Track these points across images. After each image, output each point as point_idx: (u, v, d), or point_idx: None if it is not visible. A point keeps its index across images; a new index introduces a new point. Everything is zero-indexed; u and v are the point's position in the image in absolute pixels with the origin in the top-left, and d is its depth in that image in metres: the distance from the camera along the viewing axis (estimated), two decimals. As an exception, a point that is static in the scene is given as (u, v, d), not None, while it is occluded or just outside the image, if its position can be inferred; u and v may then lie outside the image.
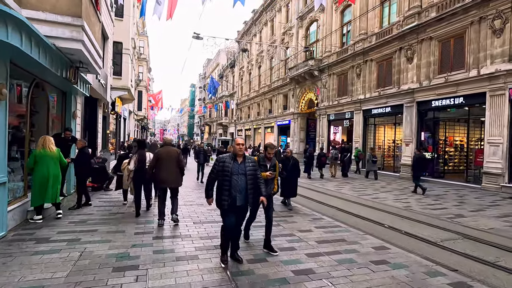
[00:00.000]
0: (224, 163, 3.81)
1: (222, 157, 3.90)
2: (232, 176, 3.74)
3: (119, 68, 16.66)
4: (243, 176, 3.78)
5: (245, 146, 3.59)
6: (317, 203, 8.64)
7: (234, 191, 3.73)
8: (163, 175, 5.55)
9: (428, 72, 13.92)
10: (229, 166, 3.78)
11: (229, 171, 3.75)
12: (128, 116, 28.99)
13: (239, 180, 3.76)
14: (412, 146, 14.59)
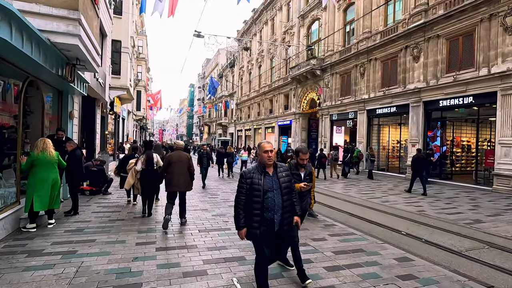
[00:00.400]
0: (252, 179, 2.91)
1: (248, 171, 2.98)
2: (265, 194, 2.88)
3: (117, 67, 16.26)
4: (278, 191, 2.94)
5: (274, 152, 3.11)
6: (327, 207, 8.26)
7: (269, 213, 2.88)
8: (174, 179, 5.58)
9: (436, 71, 13.58)
10: (259, 183, 2.90)
11: (260, 189, 2.87)
12: (126, 116, 28.58)
13: (275, 198, 2.91)
14: (419, 147, 14.23)
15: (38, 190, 5.07)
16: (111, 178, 9.07)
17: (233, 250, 4.46)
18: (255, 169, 2.98)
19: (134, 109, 36.51)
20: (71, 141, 6.21)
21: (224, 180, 13.44)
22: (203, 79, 73.95)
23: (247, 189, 2.90)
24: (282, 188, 2.96)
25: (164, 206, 5.86)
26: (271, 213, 2.88)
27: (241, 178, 2.96)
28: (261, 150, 2.96)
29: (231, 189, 10.64)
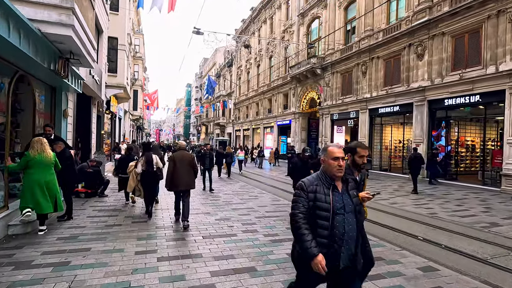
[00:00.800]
0: (316, 194, 2.13)
1: (310, 182, 2.19)
2: (335, 216, 2.09)
3: (114, 65, 15.81)
4: (352, 215, 2.13)
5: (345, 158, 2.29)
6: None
7: (337, 242, 2.07)
8: (178, 178, 5.69)
9: (441, 69, 13.30)
10: (326, 199, 2.10)
11: (328, 208, 2.08)
12: (123, 116, 28.09)
13: (347, 222, 2.10)
14: (423, 147, 13.96)
15: (31, 191, 4.70)
16: (108, 180, 8.64)
17: (242, 260, 4.08)
18: (318, 180, 2.18)
19: (131, 108, 35.98)
20: (60, 141, 5.75)
21: (224, 181, 13.04)
22: (200, 79, 73.40)
23: (310, 206, 2.10)
24: (356, 211, 2.14)
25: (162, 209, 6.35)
26: (339, 244, 2.06)
27: (300, 191, 2.16)
28: (329, 156, 2.17)
29: (233, 190, 10.25)
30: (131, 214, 6.48)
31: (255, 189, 10.69)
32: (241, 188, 10.81)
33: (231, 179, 13.78)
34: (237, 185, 11.68)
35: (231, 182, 12.52)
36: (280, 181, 13.81)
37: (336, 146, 2.23)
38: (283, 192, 10.64)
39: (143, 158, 6.42)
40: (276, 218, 6.45)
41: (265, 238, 5.06)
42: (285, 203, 8.26)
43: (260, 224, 5.98)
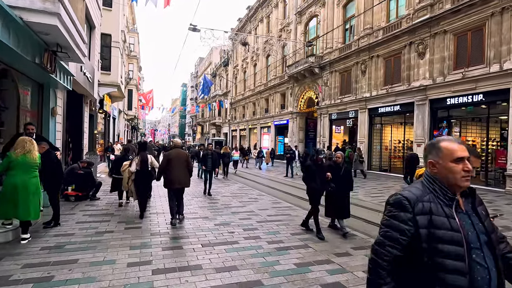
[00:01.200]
0: (432, 216, 1.28)
1: (415, 196, 1.34)
2: (471, 253, 1.24)
3: (107, 63, 15.32)
4: (486, 247, 1.28)
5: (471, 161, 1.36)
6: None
7: None
8: (173, 176, 5.77)
9: (442, 68, 13.05)
10: (453, 226, 1.26)
11: (460, 240, 1.24)
12: (117, 116, 27.54)
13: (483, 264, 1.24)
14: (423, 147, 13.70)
15: (9, 196, 4.27)
16: (100, 182, 8.19)
17: (245, 272, 3.69)
18: (429, 193, 1.36)
19: (125, 108, 35.40)
20: (43, 141, 5.29)
21: (222, 181, 12.64)
22: (196, 78, 72.81)
23: (423, 237, 1.27)
24: (492, 241, 1.29)
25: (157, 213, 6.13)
26: None
27: (399, 211, 1.34)
28: (446, 156, 1.36)
29: (231, 192, 9.86)
30: (124, 219, 6.05)
31: (253, 191, 10.32)
32: (239, 190, 10.42)
33: (229, 180, 13.39)
34: (235, 186, 11.29)
35: (228, 183, 12.12)
36: (278, 182, 13.44)
37: (455, 141, 1.40)
38: (283, 194, 10.28)
39: (138, 157, 6.39)
40: (279, 223, 6.08)
41: (269, 246, 4.69)
42: (286, 205, 7.90)
43: (262, 229, 5.61)
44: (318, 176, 5.50)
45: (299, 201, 8.87)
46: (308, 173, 5.67)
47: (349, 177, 5.75)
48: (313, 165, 5.67)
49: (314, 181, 5.49)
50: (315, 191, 5.49)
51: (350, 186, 5.74)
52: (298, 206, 7.91)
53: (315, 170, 5.59)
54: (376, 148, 17.19)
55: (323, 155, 6.08)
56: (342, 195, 5.54)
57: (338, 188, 5.48)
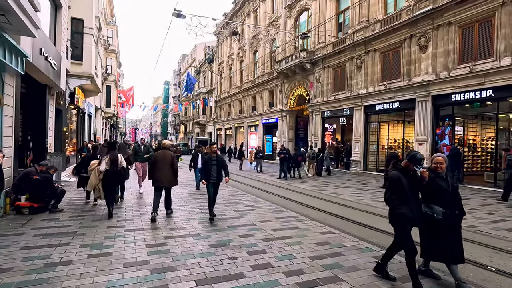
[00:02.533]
0: None
1: None
2: None
3: (79, 52, 13.60)
4: None
5: None
6: (360, 225, 6.43)
7: None
8: (159, 175, 6.05)
9: (447, 62, 12.27)
10: None
11: None
12: (94, 113, 25.48)
13: None
14: (427, 146, 12.92)
15: None
16: (62, 190, 6.65)
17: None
18: None
19: (103, 105, 33.22)
20: None
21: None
22: (179, 76, 70.55)
23: None
24: None
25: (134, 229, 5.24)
26: None
27: None
28: None
29: (223, 198, 8.53)
30: (89, 240, 4.63)
31: (248, 196, 9.05)
32: (232, 195, 9.11)
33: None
34: (226, 191, 9.97)
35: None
36: (274, 185, 12.24)
37: None
38: (283, 200, 9.07)
39: (108, 156, 6.23)
40: (291, 241, 4.85)
41: (288, 280, 3.45)
42: (290, 215, 6.69)
43: (271, 251, 4.36)
44: (411, 195, 3.44)
45: (303, 209, 7.68)
46: (395, 189, 3.44)
47: (457, 193, 3.53)
48: (403, 177, 3.42)
49: (406, 203, 3.37)
50: (407, 220, 3.37)
51: (461, 207, 3.52)
52: (305, 216, 6.72)
53: (405, 186, 3.39)
54: (372, 147, 16.32)
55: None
56: (453, 223, 3.41)
57: (447, 212, 3.37)
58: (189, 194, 9.18)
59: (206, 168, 6.13)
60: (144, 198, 8.31)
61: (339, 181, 13.44)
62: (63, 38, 10.52)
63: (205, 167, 6.14)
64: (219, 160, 6.12)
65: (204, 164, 6.23)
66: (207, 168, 6.10)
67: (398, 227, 3.47)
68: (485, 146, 14.13)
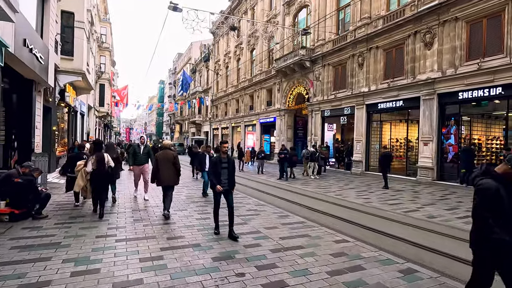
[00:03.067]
0: None
1: None
2: None
3: (70, 47, 12.96)
4: None
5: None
6: (368, 230, 5.94)
7: None
8: (161, 175, 6.13)
9: (453, 59, 11.87)
10: None
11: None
12: (87, 112, 24.73)
13: None
14: (432, 146, 12.51)
15: None
16: (47, 194, 6.03)
17: None
18: None
19: (96, 104, 32.45)
20: None
21: (200, 181, 10.72)
22: (174, 75, 69.73)
23: None
24: None
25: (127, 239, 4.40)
26: None
27: None
28: None
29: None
30: (74, 253, 4.06)
31: (249, 199, 8.51)
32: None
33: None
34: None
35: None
36: (275, 187, 11.72)
37: None
38: (287, 203, 8.54)
39: (94, 157, 6.15)
40: (303, 252, 4.33)
41: (308, 303, 2.92)
42: (297, 221, 6.17)
43: (283, 265, 3.83)
44: None
45: (310, 214, 7.17)
46: (491, 205, 2.40)
47: None
48: (502, 188, 2.42)
49: (507, 226, 2.38)
50: (506, 248, 2.34)
51: None
52: (313, 222, 6.21)
53: (506, 201, 2.40)
54: (374, 147, 15.89)
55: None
56: None
57: None
58: (186, 197, 8.62)
59: (215, 171, 4.98)
60: (138, 202, 7.73)
61: (341, 182, 12.97)
62: (52, 31, 9.88)
63: (214, 170, 5.00)
64: (230, 163, 5.08)
65: (213, 167, 5.04)
66: (216, 172, 4.96)
67: (486, 257, 2.48)
68: (490, 146, 13.77)
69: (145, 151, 8.03)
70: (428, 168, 12.53)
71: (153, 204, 7.40)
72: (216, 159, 5.07)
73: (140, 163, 8.00)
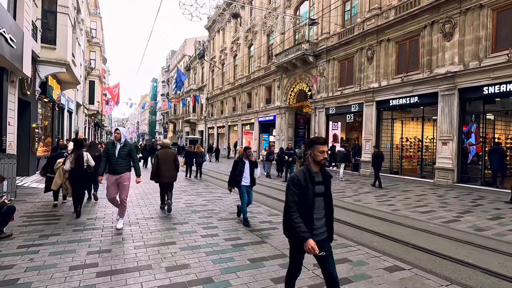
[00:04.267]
0: None
1: None
2: None
3: (53, 34, 11.58)
4: None
5: None
6: (391, 241, 4.82)
7: None
8: (162, 172, 6.46)
9: (477, 50, 10.87)
10: None
11: None
12: (75, 109, 23.21)
13: None
14: (452, 145, 11.51)
15: None
16: (10, 208, 4.67)
17: None
18: None
19: (86, 101, 30.89)
20: None
21: (194, 182, 9.49)
22: (167, 73, 68.07)
23: None
24: None
25: None
26: None
27: None
28: None
29: (230, 211, 6.79)
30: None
31: (259, 207, 7.33)
32: (237, 204, 7.36)
33: (201, 180, 10.23)
34: (230, 199, 8.23)
35: (219, 194, 8.98)
36: (283, 191, 10.55)
37: None
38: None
39: (72, 155, 6.07)
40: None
41: None
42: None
43: None
44: None
45: (337, 226, 6.00)
46: None
47: None
48: None
49: None
50: None
51: None
52: (344, 238, 5.07)
53: None
54: (386, 147, 14.86)
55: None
56: None
57: None
58: (186, 204, 7.39)
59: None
60: (128, 213, 6.48)
61: (353, 185, 11.88)
62: (28, 12, 8.53)
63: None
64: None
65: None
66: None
67: None
68: (510, 145, 12.87)
69: (124, 152, 5.22)
70: (448, 169, 11.51)
71: (147, 216, 6.17)
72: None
73: (115, 171, 5.16)
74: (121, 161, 5.19)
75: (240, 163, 5.83)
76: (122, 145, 5.24)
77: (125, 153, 5.23)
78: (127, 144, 5.30)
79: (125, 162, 5.25)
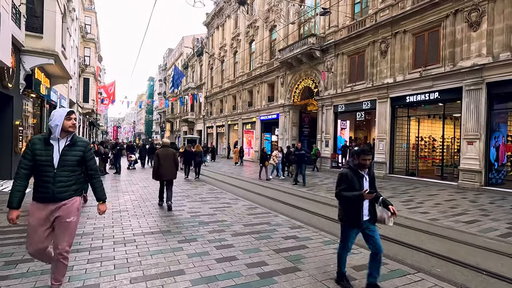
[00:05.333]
0: None
1: None
2: None
3: (39, 22, 10.43)
4: None
5: None
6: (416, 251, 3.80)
7: None
8: (162, 170, 6.74)
9: (509, 41, 9.91)
10: None
11: None
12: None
13: None
14: (479, 145, 10.54)
15: None
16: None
17: None
18: None
19: (80, 99, 29.64)
20: None
21: (195, 185, 8.43)
22: (164, 71, 66.78)
23: None
24: None
25: None
26: None
27: None
28: None
29: (239, 217, 5.74)
30: None
31: (277, 217, 6.28)
32: (251, 213, 6.30)
33: (200, 181, 9.17)
34: (241, 205, 7.18)
35: (227, 200, 7.92)
36: (299, 196, 9.51)
37: None
38: (326, 221, 6.34)
39: None
40: None
41: None
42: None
43: None
44: None
45: (393, 248, 4.98)
46: None
47: None
48: None
49: None
50: None
51: None
52: (394, 260, 4.03)
53: None
54: (401, 146, 13.88)
55: None
56: None
57: None
58: (192, 214, 6.32)
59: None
60: (122, 224, 5.39)
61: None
62: (7, -8, 7.40)
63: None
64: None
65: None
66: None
67: None
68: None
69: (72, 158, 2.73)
70: (474, 171, 10.55)
71: (145, 230, 5.09)
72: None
73: (49, 196, 2.63)
74: (65, 175, 2.68)
75: (355, 177, 3.06)
76: (68, 143, 2.73)
77: (74, 159, 2.74)
78: (77, 142, 2.79)
79: (72, 177, 2.74)
